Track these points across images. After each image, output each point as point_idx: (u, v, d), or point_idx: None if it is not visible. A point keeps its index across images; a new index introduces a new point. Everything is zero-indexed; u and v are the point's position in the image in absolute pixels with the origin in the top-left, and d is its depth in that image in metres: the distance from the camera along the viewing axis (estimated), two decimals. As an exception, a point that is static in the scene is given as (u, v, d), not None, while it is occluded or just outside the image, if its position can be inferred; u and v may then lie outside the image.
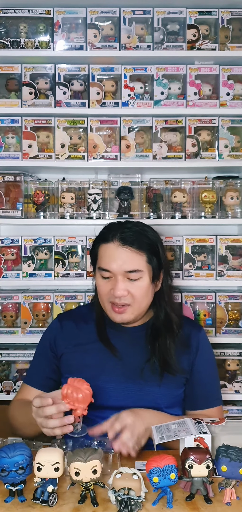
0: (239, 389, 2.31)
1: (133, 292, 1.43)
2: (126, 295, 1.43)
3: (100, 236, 1.52)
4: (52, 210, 2.29)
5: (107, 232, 1.49)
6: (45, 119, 2.29)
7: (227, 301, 2.32)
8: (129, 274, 1.42)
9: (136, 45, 2.27)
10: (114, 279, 1.43)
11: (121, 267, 1.42)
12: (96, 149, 2.29)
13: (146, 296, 1.47)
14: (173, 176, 2.39)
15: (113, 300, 1.44)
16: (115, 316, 1.46)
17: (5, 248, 2.31)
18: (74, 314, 1.68)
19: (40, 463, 1.01)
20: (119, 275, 1.42)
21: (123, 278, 1.42)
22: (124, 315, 1.45)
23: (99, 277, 1.47)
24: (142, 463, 1.20)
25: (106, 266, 1.44)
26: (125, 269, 1.42)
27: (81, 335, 1.56)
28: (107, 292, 1.45)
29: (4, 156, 2.30)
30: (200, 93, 2.29)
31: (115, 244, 1.44)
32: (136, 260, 1.43)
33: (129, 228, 1.48)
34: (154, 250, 1.48)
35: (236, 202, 2.28)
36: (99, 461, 1.02)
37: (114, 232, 1.46)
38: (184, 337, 1.52)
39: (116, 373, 1.46)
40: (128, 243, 1.43)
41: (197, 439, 1.11)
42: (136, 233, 1.47)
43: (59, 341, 1.56)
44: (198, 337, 1.56)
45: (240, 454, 1.02)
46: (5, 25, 2.30)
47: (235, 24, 2.30)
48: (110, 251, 1.44)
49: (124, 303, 1.43)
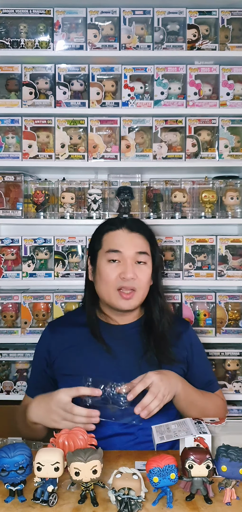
0: (239, 389, 2.30)
1: (140, 276, 1.49)
2: (134, 279, 1.48)
3: (104, 227, 1.57)
4: (52, 210, 2.29)
5: (112, 222, 1.57)
6: (45, 119, 2.29)
7: (227, 301, 2.32)
8: (138, 256, 1.50)
9: (136, 45, 2.27)
10: (123, 263, 1.48)
11: (132, 249, 1.49)
12: (96, 149, 2.29)
13: (148, 284, 1.54)
14: (173, 176, 2.39)
15: (122, 285, 1.48)
16: (123, 303, 1.50)
17: (5, 248, 2.31)
18: (64, 320, 1.71)
19: (40, 463, 1.01)
20: (129, 258, 1.48)
21: (132, 262, 1.48)
22: (131, 301, 1.50)
23: (106, 263, 1.50)
24: (142, 463, 1.20)
25: (117, 247, 1.49)
26: (136, 249, 1.50)
27: (73, 337, 1.56)
28: (115, 278, 1.48)
29: (4, 156, 2.30)
30: (200, 93, 2.29)
31: (124, 231, 1.52)
32: (144, 244, 1.53)
33: (133, 220, 1.61)
34: (154, 242, 1.58)
35: (236, 202, 2.28)
36: (99, 461, 1.02)
37: (120, 222, 1.55)
38: (175, 332, 1.58)
39: (112, 370, 1.47)
40: (135, 229, 1.53)
41: (197, 439, 1.12)
42: (139, 223, 1.60)
43: (51, 348, 1.56)
44: (189, 333, 1.63)
45: (240, 454, 1.02)
46: (5, 25, 2.30)
47: (235, 24, 2.30)
48: (121, 236, 1.52)
49: (132, 286, 1.48)
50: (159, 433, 1.20)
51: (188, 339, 1.60)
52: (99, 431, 1.33)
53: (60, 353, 1.54)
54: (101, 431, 1.36)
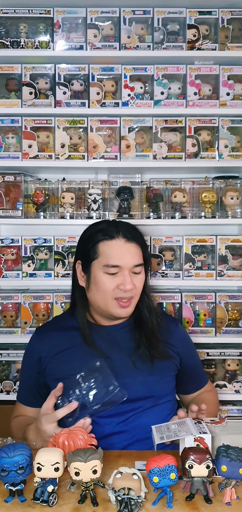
0: (239, 389, 2.30)
1: (137, 285, 1.50)
2: (133, 289, 1.49)
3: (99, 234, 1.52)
4: (52, 210, 2.29)
5: (105, 230, 1.52)
6: (45, 119, 2.29)
7: (227, 301, 2.32)
8: (134, 268, 1.49)
9: (136, 45, 2.27)
10: (120, 275, 1.47)
11: (130, 262, 1.48)
12: (96, 149, 2.29)
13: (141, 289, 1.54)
14: (173, 176, 2.39)
15: (120, 295, 1.48)
16: (122, 311, 1.50)
17: (5, 248, 2.31)
18: (52, 324, 1.70)
19: (40, 463, 1.01)
20: (127, 269, 1.48)
21: (129, 273, 1.48)
22: (128, 308, 1.51)
23: (104, 275, 1.48)
24: (142, 463, 1.20)
25: (116, 262, 1.47)
26: (134, 263, 1.49)
27: (63, 341, 1.55)
28: (113, 289, 1.47)
29: (4, 156, 2.30)
30: (200, 93, 2.29)
31: (121, 241, 1.49)
32: (139, 255, 1.52)
33: (125, 225, 1.55)
34: (145, 245, 1.58)
35: (236, 202, 2.28)
36: (99, 461, 1.02)
37: (115, 229, 1.51)
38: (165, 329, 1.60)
39: None
40: (130, 239, 1.50)
41: (197, 439, 1.12)
42: (133, 229, 1.55)
43: (42, 355, 1.55)
44: (178, 331, 1.67)
45: (240, 454, 1.02)
46: (5, 25, 2.30)
47: (235, 24, 2.30)
48: (118, 248, 1.49)
49: (129, 296, 1.49)
50: (159, 433, 1.20)
51: (178, 335, 1.64)
52: (97, 431, 1.33)
53: (51, 359, 1.53)
54: (98, 430, 1.36)
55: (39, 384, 1.55)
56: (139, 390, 1.45)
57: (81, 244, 1.58)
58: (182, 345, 1.62)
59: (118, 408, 1.40)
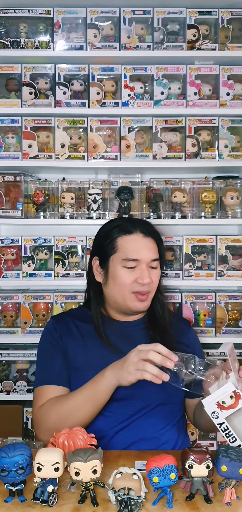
0: (239, 389, 2.30)
1: (154, 279, 1.53)
2: (151, 283, 1.51)
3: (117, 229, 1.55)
4: (52, 210, 2.29)
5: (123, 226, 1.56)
6: (45, 119, 2.29)
7: (227, 301, 2.32)
8: (152, 263, 1.53)
9: (136, 45, 2.27)
10: (138, 269, 1.50)
11: (148, 256, 1.52)
12: (96, 149, 2.29)
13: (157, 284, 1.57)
14: (173, 176, 2.39)
15: (139, 289, 1.50)
16: (140, 304, 1.53)
17: (5, 248, 2.31)
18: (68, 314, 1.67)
19: (40, 463, 1.01)
20: (145, 264, 1.51)
21: (147, 267, 1.51)
22: (145, 302, 1.53)
23: (122, 269, 1.51)
24: (142, 463, 1.20)
25: (134, 256, 1.51)
26: (151, 257, 1.52)
27: (81, 332, 1.57)
28: (131, 282, 1.50)
29: (4, 156, 2.30)
30: (200, 93, 2.29)
31: (139, 236, 1.53)
32: (156, 250, 1.56)
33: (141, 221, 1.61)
34: (161, 242, 1.61)
35: (236, 202, 2.28)
36: (99, 461, 1.02)
37: (133, 225, 1.55)
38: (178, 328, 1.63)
39: None
40: (147, 234, 1.54)
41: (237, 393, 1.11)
42: (149, 226, 1.60)
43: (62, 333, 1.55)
44: (191, 332, 1.69)
45: (240, 454, 1.02)
46: (5, 25, 2.30)
47: (235, 24, 2.30)
48: (136, 242, 1.52)
49: (148, 290, 1.52)
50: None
51: (191, 336, 1.67)
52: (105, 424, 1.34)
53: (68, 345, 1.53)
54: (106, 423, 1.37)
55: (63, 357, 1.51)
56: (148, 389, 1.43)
57: (98, 240, 1.62)
58: (194, 347, 1.63)
59: (126, 405, 1.41)
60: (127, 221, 1.62)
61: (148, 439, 1.43)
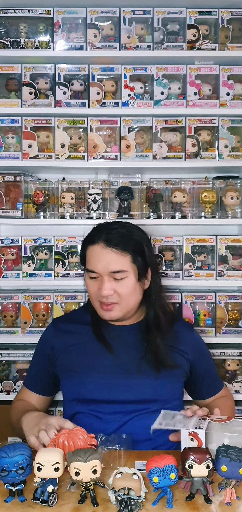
0: (239, 389, 2.30)
1: (119, 291, 1.49)
2: (112, 294, 1.48)
3: (87, 238, 1.57)
4: (52, 210, 2.29)
5: (93, 234, 1.55)
6: (45, 119, 2.29)
7: (227, 301, 2.32)
8: (114, 274, 1.49)
9: (136, 45, 2.27)
10: (100, 279, 1.49)
11: (105, 268, 1.48)
12: (96, 149, 2.29)
13: (133, 294, 1.52)
14: (173, 176, 2.39)
15: (101, 299, 1.50)
16: (104, 313, 1.52)
17: (5, 248, 2.31)
18: (68, 317, 1.75)
19: (40, 463, 1.01)
20: (105, 275, 1.48)
21: (109, 278, 1.48)
22: (111, 312, 1.51)
23: (88, 278, 1.54)
24: (142, 463, 1.20)
25: (92, 267, 1.50)
26: (110, 269, 1.48)
27: (77, 335, 1.59)
28: (95, 292, 1.51)
29: (4, 156, 2.30)
30: (200, 93, 2.29)
31: (100, 246, 1.50)
32: (120, 261, 1.49)
33: (115, 229, 1.54)
34: (139, 250, 1.54)
35: (236, 202, 2.28)
36: (99, 461, 1.02)
37: (99, 234, 1.52)
38: (177, 334, 1.59)
39: (114, 369, 1.48)
40: (112, 244, 1.49)
41: (191, 433, 1.12)
42: (121, 235, 1.52)
43: (55, 345, 1.59)
44: (192, 337, 1.66)
45: (240, 454, 1.02)
46: (5, 25, 2.29)
47: (235, 24, 2.29)
48: (96, 253, 1.50)
49: (111, 302, 1.49)
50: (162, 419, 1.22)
51: (191, 341, 1.63)
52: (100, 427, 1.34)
53: (63, 351, 1.56)
54: (102, 426, 1.37)
55: (48, 372, 1.59)
56: (145, 392, 1.45)
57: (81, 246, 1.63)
58: (194, 351, 1.61)
59: (123, 407, 1.41)
60: (95, 230, 1.57)
61: (142, 441, 1.42)
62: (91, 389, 1.47)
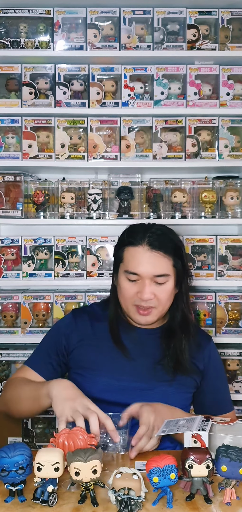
0: (239, 389, 2.30)
1: (159, 295, 1.45)
2: (152, 299, 1.44)
3: (126, 239, 1.51)
4: (52, 210, 2.29)
5: (134, 235, 1.49)
6: (45, 119, 2.29)
7: (227, 301, 2.32)
8: (156, 278, 1.44)
9: (136, 45, 2.27)
10: (141, 282, 1.44)
11: (149, 271, 1.43)
12: (96, 149, 2.29)
13: (170, 299, 1.49)
14: (173, 176, 2.39)
15: (139, 303, 1.45)
16: (140, 318, 1.48)
17: (5, 248, 2.31)
18: (88, 311, 1.66)
19: (40, 463, 1.01)
20: (147, 279, 1.43)
21: (150, 282, 1.44)
22: (148, 317, 1.47)
23: (125, 280, 1.48)
24: (142, 463, 1.20)
25: (135, 270, 1.44)
26: (154, 273, 1.44)
27: (95, 332, 1.55)
28: (133, 295, 1.46)
29: (4, 156, 2.30)
30: (200, 93, 2.29)
31: (144, 249, 1.45)
32: (164, 264, 1.45)
33: (155, 232, 1.48)
34: (179, 254, 1.50)
35: (236, 202, 2.28)
36: (99, 461, 1.01)
37: (141, 236, 1.47)
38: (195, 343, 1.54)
39: (128, 372, 1.46)
40: (156, 247, 1.44)
41: (194, 435, 1.12)
42: (163, 237, 1.48)
43: (73, 335, 1.55)
44: (209, 346, 1.60)
45: (240, 454, 1.01)
46: (5, 25, 2.30)
47: (235, 24, 2.30)
48: (139, 255, 1.45)
49: (149, 306, 1.45)
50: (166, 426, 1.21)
51: (207, 353, 1.57)
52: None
53: (79, 344, 1.53)
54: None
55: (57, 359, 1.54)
56: (156, 399, 1.40)
57: (115, 245, 1.58)
58: (208, 362, 1.56)
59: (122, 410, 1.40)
60: (138, 230, 1.51)
61: None
62: (103, 389, 1.45)
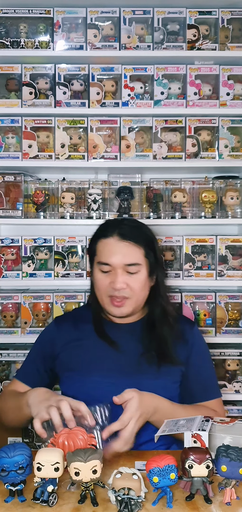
0: (239, 389, 2.30)
1: (131, 285, 1.48)
2: (125, 288, 1.48)
3: (98, 232, 1.57)
4: (52, 210, 2.29)
5: (106, 228, 1.55)
6: (45, 119, 2.29)
7: (227, 301, 2.32)
8: (128, 268, 1.48)
9: (136, 45, 2.27)
10: (113, 273, 1.48)
11: (120, 261, 1.48)
12: (96, 149, 2.29)
13: (144, 289, 1.52)
14: (173, 176, 2.39)
15: (113, 294, 1.48)
16: (115, 309, 1.51)
17: (5, 248, 2.31)
18: (70, 315, 1.73)
19: (40, 463, 1.01)
20: (119, 268, 1.48)
21: (122, 272, 1.48)
22: (122, 308, 1.50)
23: (98, 272, 1.52)
24: (142, 463, 1.20)
25: (106, 260, 1.49)
26: (125, 262, 1.48)
27: (78, 333, 1.58)
28: (107, 286, 1.50)
29: (4, 156, 2.30)
30: (200, 93, 2.29)
31: (114, 239, 1.50)
32: (134, 254, 1.49)
33: (127, 224, 1.55)
34: (151, 245, 1.55)
35: (236, 202, 2.28)
36: (99, 461, 1.01)
37: (113, 228, 1.52)
38: (179, 332, 1.56)
39: (113, 367, 1.47)
40: (127, 237, 1.50)
41: (194, 435, 1.12)
42: (134, 228, 1.54)
43: (56, 341, 1.58)
44: (192, 333, 1.60)
45: (240, 454, 1.01)
46: (5, 25, 2.30)
47: (235, 24, 2.30)
48: (110, 246, 1.50)
49: (123, 296, 1.48)
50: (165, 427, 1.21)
51: (191, 340, 1.58)
52: None
53: (64, 348, 1.56)
54: None
55: (43, 366, 1.58)
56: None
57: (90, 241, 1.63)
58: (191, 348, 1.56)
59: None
60: (108, 224, 1.58)
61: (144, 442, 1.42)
62: (92, 388, 1.46)
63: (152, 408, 1.34)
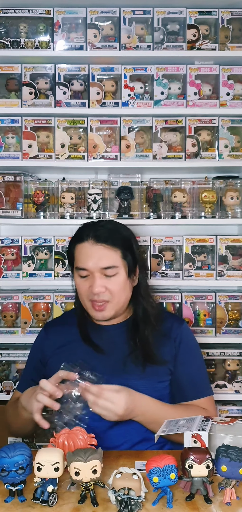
0: (239, 389, 2.30)
1: (110, 288, 1.48)
2: (103, 292, 1.47)
3: (75, 237, 1.57)
4: (52, 210, 2.29)
5: (81, 232, 1.55)
6: (45, 119, 2.29)
7: (227, 301, 2.32)
8: (105, 271, 1.48)
9: (136, 45, 2.27)
10: (91, 277, 1.48)
11: (96, 264, 1.47)
12: (96, 149, 2.29)
13: (124, 290, 1.52)
14: (173, 176, 2.39)
15: (93, 298, 1.49)
16: (96, 314, 1.51)
17: (5, 248, 2.31)
18: (59, 320, 1.75)
19: (40, 463, 1.01)
20: (96, 272, 1.47)
21: (100, 275, 1.47)
22: (104, 312, 1.50)
23: (78, 277, 1.52)
24: (142, 463, 1.20)
25: (82, 265, 1.49)
26: (101, 265, 1.47)
27: (66, 337, 1.59)
28: (86, 290, 1.50)
29: (4, 156, 2.30)
30: (200, 93, 2.29)
31: (89, 243, 1.49)
32: (111, 256, 1.48)
33: (102, 226, 1.55)
34: (128, 246, 1.54)
35: (236, 202, 2.28)
36: (99, 461, 1.02)
37: (88, 231, 1.52)
38: (165, 330, 1.56)
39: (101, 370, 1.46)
40: (101, 240, 1.49)
41: (194, 435, 1.12)
42: (109, 230, 1.53)
43: (45, 348, 1.60)
44: (180, 330, 1.58)
45: (240, 454, 1.02)
46: (5, 25, 2.30)
47: (235, 24, 2.30)
48: (86, 250, 1.49)
49: (102, 299, 1.48)
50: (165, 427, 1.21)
51: (178, 337, 1.56)
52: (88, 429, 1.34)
53: (53, 353, 1.57)
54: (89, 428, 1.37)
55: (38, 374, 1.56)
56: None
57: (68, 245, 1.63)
58: (179, 346, 1.54)
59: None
60: (84, 228, 1.56)
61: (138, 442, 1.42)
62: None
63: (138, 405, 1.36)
